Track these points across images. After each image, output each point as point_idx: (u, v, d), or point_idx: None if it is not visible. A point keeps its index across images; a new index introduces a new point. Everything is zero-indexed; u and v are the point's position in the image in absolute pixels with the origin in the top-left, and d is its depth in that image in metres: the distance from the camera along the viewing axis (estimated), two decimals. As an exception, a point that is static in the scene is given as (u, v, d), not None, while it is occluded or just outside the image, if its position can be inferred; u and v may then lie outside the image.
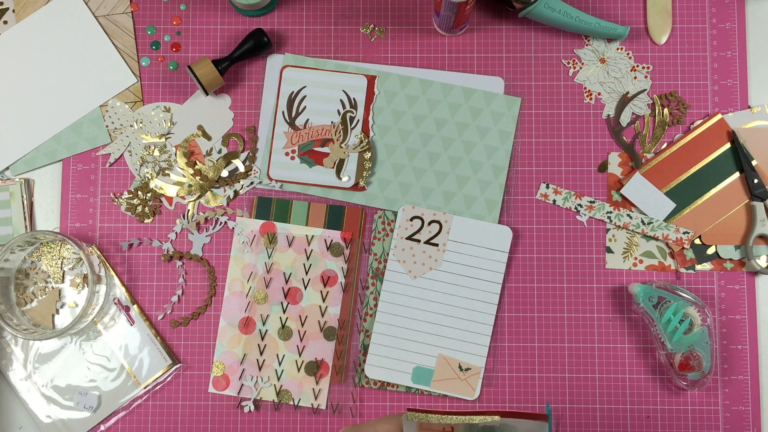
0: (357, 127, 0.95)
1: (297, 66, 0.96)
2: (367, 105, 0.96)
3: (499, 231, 0.93)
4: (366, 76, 0.96)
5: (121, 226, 0.95)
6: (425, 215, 0.94)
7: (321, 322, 0.93)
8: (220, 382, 0.93)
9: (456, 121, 0.95)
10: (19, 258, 0.94)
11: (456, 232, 0.94)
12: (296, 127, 0.96)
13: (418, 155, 0.95)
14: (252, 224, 0.94)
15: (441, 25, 0.95)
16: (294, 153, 0.95)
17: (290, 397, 0.93)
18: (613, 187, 0.95)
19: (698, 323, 0.89)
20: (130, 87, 0.97)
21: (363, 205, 0.95)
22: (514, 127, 0.95)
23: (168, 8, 0.98)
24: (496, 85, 0.96)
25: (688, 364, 0.89)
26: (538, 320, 0.94)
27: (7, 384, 0.94)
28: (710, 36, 0.97)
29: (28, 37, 0.97)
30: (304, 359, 0.93)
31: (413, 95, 0.96)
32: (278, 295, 0.94)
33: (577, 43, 0.97)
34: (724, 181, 0.95)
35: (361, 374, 0.93)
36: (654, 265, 0.94)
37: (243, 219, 0.94)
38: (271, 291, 0.94)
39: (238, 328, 0.93)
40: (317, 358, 0.93)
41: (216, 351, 0.93)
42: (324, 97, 0.96)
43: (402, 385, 0.93)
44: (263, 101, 0.96)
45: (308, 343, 0.93)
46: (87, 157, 0.96)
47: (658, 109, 0.96)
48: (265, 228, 0.94)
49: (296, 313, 0.94)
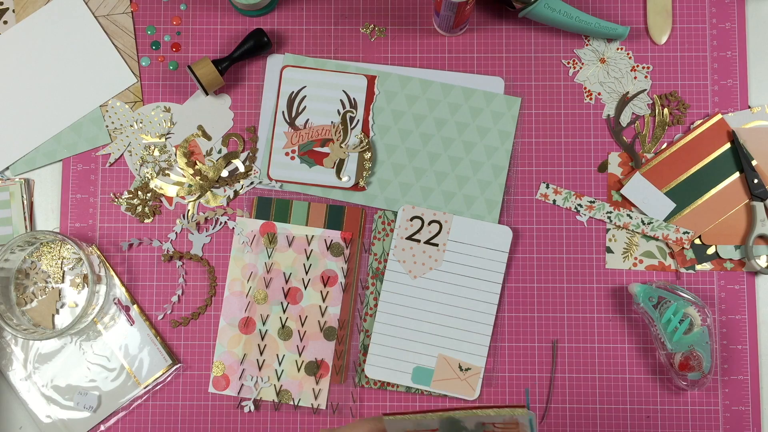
0: (357, 127, 0.95)
1: (297, 66, 0.96)
2: (367, 105, 0.96)
3: (499, 231, 0.93)
4: (366, 76, 0.96)
5: (121, 226, 0.95)
6: (425, 215, 0.94)
7: (321, 322, 0.93)
8: (220, 382, 0.93)
9: (456, 121, 0.95)
10: (19, 258, 0.94)
11: (456, 232, 0.94)
12: (296, 127, 0.96)
13: (418, 155, 0.95)
14: (252, 224, 0.94)
15: (441, 25, 0.95)
16: (294, 153, 0.95)
17: (290, 397, 0.93)
18: (613, 187, 0.95)
19: (698, 323, 0.89)
20: (130, 87, 0.97)
21: (363, 205, 0.95)
22: (514, 127, 0.95)
23: (168, 8, 0.98)
24: (496, 85, 0.96)
25: (688, 364, 0.89)
26: (538, 320, 0.94)
27: (7, 384, 0.94)
28: (710, 36, 0.97)
29: (28, 37, 0.97)
30: (304, 359, 0.93)
31: (413, 95, 0.96)
32: (278, 295, 0.94)
33: (577, 43, 0.97)
34: (724, 181, 0.95)
35: (361, 374, 0.93)
36: (654, 265, 0.94)
37: (243, 219, 0.94)
38: (271, 291, 0.94)
39: (238, 328, 0.93)
40: (317, 358, 0.93)
41: (216, 351, 0.93)
42: (324, 97, 0.96)
43: (402, 385, 0.93)
44: (263, 101, 0.96)
45: (308, 343, 0.93)
46: (87, 157, 0.96)
47: (658, 109, 0.96)
48: (265, 228, 0.94)
49: (296, 313, 0.94)
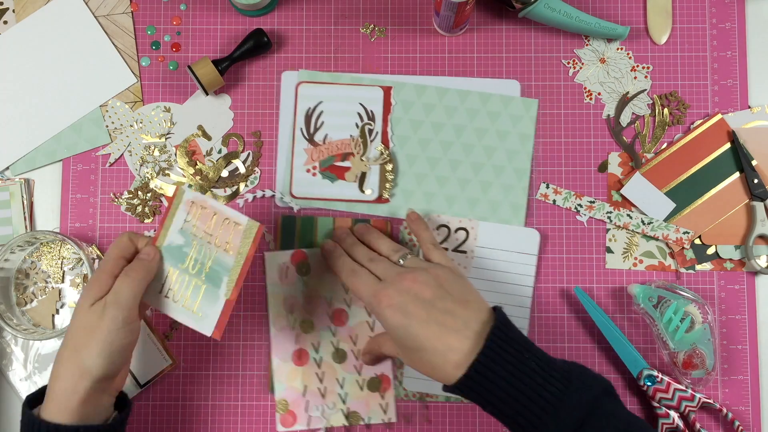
0: (376, 139, 0.95)
1: (312, 81, 0.95)
2: (385, 116, 0.95)
3: (526, 234, 0.93)
4: (381, 87, 0.95)
5: (121, 226, 0.95)
6: (451, 223, 0.93)
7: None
8: (287, 419, 0.92)
9: (475, 127, 0.95)
10: (19, 258, 0.94)
11: (483, 238, 0.93)
12: (315, 142, 0.95)
13: (439, 163, 0.95)
14: (282, 257, 0.93)
15: (441, 25, 0.95)
16: (315, 169, 0.95)
17: (359, 417, 0.92)
18: (613, 187, 0.95)
19: (699, 321, 0.90)
20: (130, 87, 0.97)
21: (388, 217, 0.95)
22: (533, 129, 0.95)
23: (168, 8, 0.98)
24: (512, 88, 0.96)
25: (691, 362, 0.89)
26: (538, 320, 0.94)
27: (7, 384, 0.94)
28: (710, 36, 0.97)
29: (28, 37, 0.97)
30: (365, 377, 0.92)
31: (430, 103, 0.95)
32: (324, 321, 0.93)
33: (577, 43, 0.97)
34: (724, 181, 0.95)
35: (399, 387, 0.93)
36: (654, 265, 0.94)
37: (272, 253, 0.93)
38: (317, 318, 0.93)
39: (293, 361, 0.93)
40: (377, 373, 0.92)
41: (276, 390, 0.92)
42: (341, 111, 0.95)
43: (441, 395, 0.93)
44: (280, 119, 0.96)
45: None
46: (87, 157, 0.96)
47: (658, 109, 0.96)
48: (296, 258, 0.93)
49: (346, 333, 0.93)
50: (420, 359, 0.76)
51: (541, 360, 0.73)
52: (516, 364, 0.72)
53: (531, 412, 0.71)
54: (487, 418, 0.93)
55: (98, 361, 0.74)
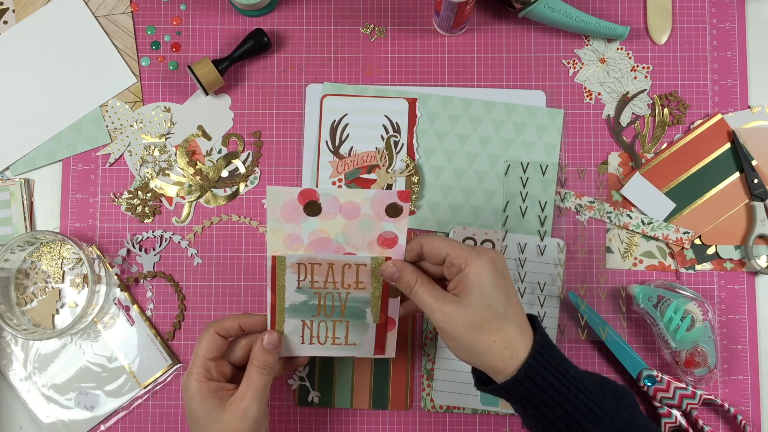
0: (402, 151, 0.94)
1: (336, 94, 0.95)
2: (410, 128, 0.95)
3: (552, 244, 0.93)
4: (407, 99, 0.95)
5: (121, 226, 0.95)
6: (477, 235, 0.93)
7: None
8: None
9: (501, 138, 0.94)
10: (19, 258, 0.94)
11: (510, 249, 0.93)
12: (341, 155, 0.95)
13: (465, 175, 0.94)
14: (288, 193, 0.76)
15: (441, 25, 0.95)
16: (341, 182, 0.95)
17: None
18: (613, 187, 0.95)
19: (699, 319, 0.90)
20: (130, 87, 0.97)
21: (414, 229, 0.94)
22: (559, 140, 0.95)
23: (168, 8, 0.98)
24: (537, 99, 0.96)
25: (693, 360, 0.89)
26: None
27: (7, 384, 0.94)
28: (710, 36, 0.97)
29: (28, 37, 0.97)
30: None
31: (455, 115, 0.95)
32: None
33: (577, 43, 0.97)
34: (724, 181, 0.95)
35: (427, 399, 0.92)
36: (654, 265, 0.94)
37: (275, 188, 0.77)
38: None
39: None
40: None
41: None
42: (366, 124, 0.95)
43: (469, 408, 0.92)
44: (305, 131, 0.96)
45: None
46: (87, 157, 0.96)
47: (658, 109, 0.96)
48: (304, 197, 0.77)
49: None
50: (479, 355, 0.73)
51: (576, 368, 0.74)
52: (561, 370, 0.72)
53: (572, 418, 0.71)
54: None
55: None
